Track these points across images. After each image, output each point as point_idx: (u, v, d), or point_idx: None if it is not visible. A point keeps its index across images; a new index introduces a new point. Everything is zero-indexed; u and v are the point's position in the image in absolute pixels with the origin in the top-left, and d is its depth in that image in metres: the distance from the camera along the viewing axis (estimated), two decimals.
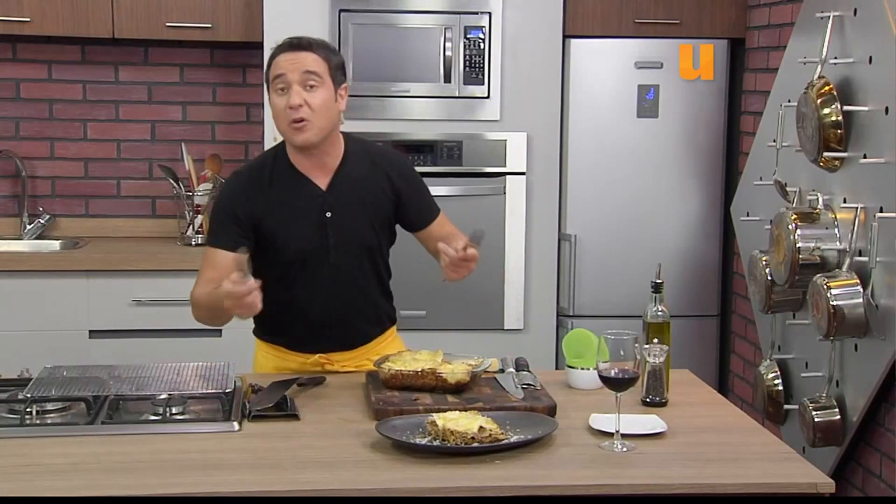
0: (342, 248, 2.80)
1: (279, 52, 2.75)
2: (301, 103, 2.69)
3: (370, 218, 2.84)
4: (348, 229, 2.81)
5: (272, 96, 2.75)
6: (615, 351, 2.31)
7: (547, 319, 4.36)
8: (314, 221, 2.79)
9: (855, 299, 3.18)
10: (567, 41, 4.30)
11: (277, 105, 2.73)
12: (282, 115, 2.73)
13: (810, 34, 3.59)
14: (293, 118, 2.70)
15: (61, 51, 4.55)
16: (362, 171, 2.83)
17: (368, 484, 2.12)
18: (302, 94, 2.70)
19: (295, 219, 2.79)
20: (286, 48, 2.74)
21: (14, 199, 4.60)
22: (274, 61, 2.74)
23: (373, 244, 2.86)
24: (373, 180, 2.84)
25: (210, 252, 2.82)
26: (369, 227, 2.84)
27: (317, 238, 2.79)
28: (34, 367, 2.73)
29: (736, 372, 4.45)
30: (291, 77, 2.70)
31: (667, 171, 4.39)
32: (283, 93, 2.71)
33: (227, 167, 4.57)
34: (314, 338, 2.86)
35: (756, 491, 2.15)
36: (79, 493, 2.06)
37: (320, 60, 2.73)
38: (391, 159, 2.93)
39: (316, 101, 2.71)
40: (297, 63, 2.70)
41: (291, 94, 2.69)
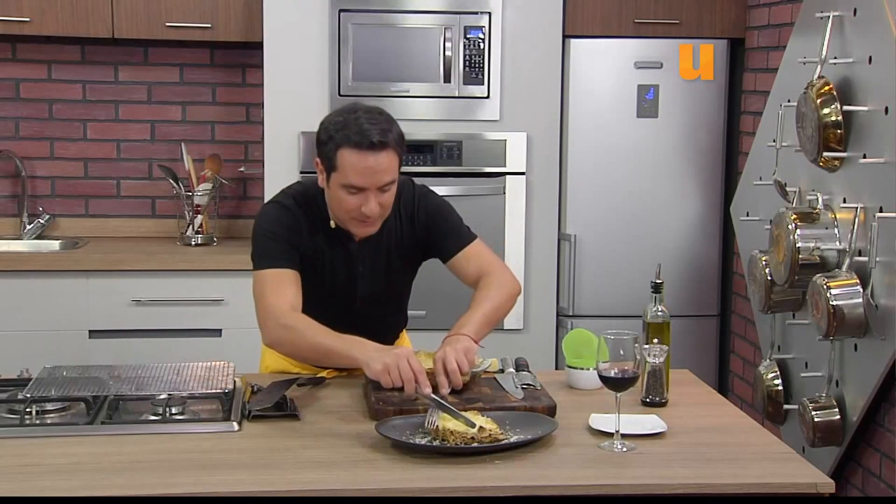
0: (370, 297, 2.78)
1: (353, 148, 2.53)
2: (377, 210, 2.59)
3: (401, 266, 2.80)
4: (378, 281, 2.77)
5: (338, 190, 2.58)
6: (615, 351, 2.31)
7: (547, 319, 4.36)
8: (347, 273, 2.74)
9: (855, 299, 3.18)
10: (567, 41, 4.30)
11: (346, 205, 2.59)
12: (348, 213, 2.61)
13: (810, 34, 3.59)
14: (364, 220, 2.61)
15: (61, 51, 4.55)
16: (392, 219, 2.74)
17: (368, 484, 2.12)
18: (378, 198, 2.58)
19: (328, 266, 2.73)
20: (364, 148, 2.52)
21: (14, 199, 4.60)
22: (346, 158, 2.54)
23: (400, 295, 2.87)
24: (396, 231, 2.76)
25: (272, 275, 2.63)
26: (399, 275, 2.82)
27: (348, 289, 2.75)
28: (34, 367, 2.73)
29: (736, 372, 4.45)
30: (370, 188, 2.56)
31: (666, 171, 4.39)
32: (354, 194, 2.57)
33: (227, 167, 4.57)
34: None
35: (756, 491, 2.15)
36: (78, 493, 2.06)
37: (394, 159, 2.58)
38: (414, 199, 2.78)
39: (387, 200, 2.61)
40: (377, 174, 2.54)
41: (369, 202, 2.56)
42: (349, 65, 4.14)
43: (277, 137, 4.17)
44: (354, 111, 2.59)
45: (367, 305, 2.79)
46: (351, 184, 2.56)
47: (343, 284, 2.76)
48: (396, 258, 2.78)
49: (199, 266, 4.16)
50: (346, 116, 2.58)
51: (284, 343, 2.63)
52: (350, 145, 2.54)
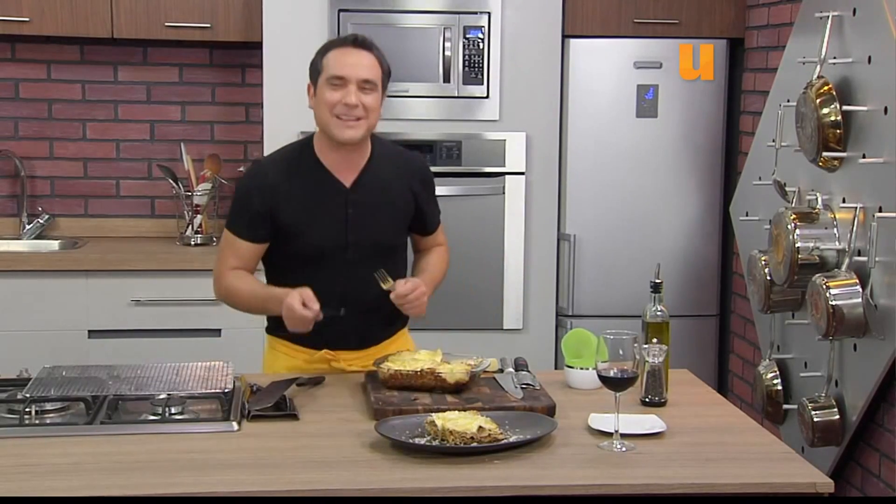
0: (361, 245, 2.83)
1: (338, 47, 2.79)
2: (357, 103, 2.74)
3: (391, 218, 2.89)
4: (369, 228, 2.84)
5: (323, 89, 2.76)
6: (614, 351, 2.31)
7: (546, 319, 4.36)
8: (336, 218, 2.82)
9: (854, 299, 3.18)
10: (566, 41, 4.30)
11: (329, 99, 2.75)
12: (330, 109, 2.75)
13: (809, 34, 3.59)
14: (347, 115, 2.74)
15: (60, 51, 4.55)
16: (387, 172, 2.87)
17: (367, 484, 2.12)
18: (358, 95, 2.74)
19: (316, 213, 2.82)
20: (348, 44, 2.78)
21: (13, 199, 4.60)
22: (331, 56, 2.77)
23: (392, 244, 2.91)
24: (397, 182, 2.89)
25: (231, 239, 2.87)
26: (390, 228, 2.89)
27: (337, 234, 2.82)
28: (33, 366, 2.73)
29: (735, 372, 4.45)
30: (350, 78, 2.74)
31: (666, 171, 4.39)
32: (336, 88, 2.74)
33: (227, 167, 4.57)
34: (324, 334, 2.82)
35: (755, 491, 2.15)
36: (78, 493, 2.06)
37: (376, 66, 2.78)
38: (415, 164, 2.97)
39: (369, 101, 2.76)
40: (357, 67, 2.75)
41: (349, 94, 2.73)
42: None
43: (277, 137, 4.15)
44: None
45: (358, 254, 2.82)
46: (333, 74, 2.74)
47: (333, 230, 2.81)
48: (389, 207, 2.87)
49: (198, 266, 4.16)
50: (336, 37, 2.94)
51: (226, 302, 2.96)
52: (335, 45, 2.81)
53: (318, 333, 2.79)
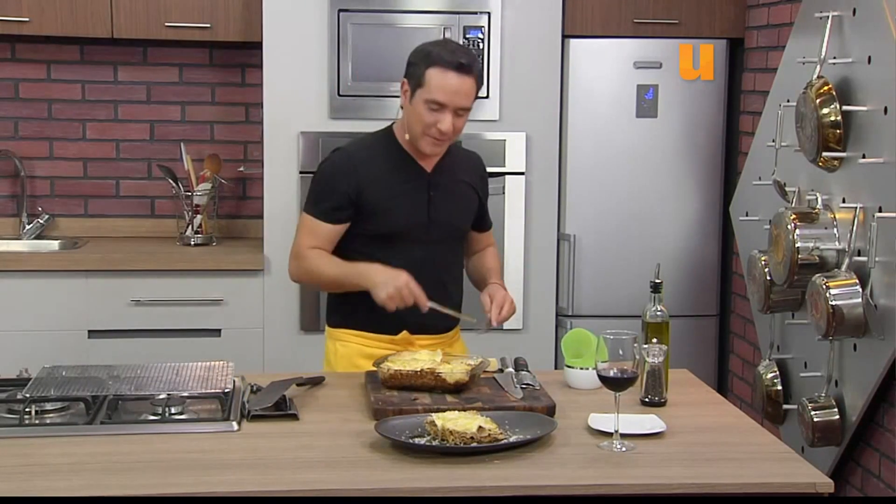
0: (441, 227, 2.95)
1: (443, 67, 2.78)
2: (451, 129, 2.83)
3: (465, 204, 3.05)
4: (448, 210, 2.97)
5: (420, 106, 2.81)
6: (614, 351, 2.31)
7: (546, 319, 4.36)
8: (418, 199, 2.92)
9: (854, 299, 3.18)
10: (566, 41, 4.30)
11: (426, 119, 2.81)
12: (424, 129, 2.83)
13: (809, 34, 3.59)
14: (439, 137, 2.84)
15: (60, 51, 4.55)
16: (458, 162, 3.03)
17: (367, 484, 2.12)
18: (454, 120, 2.82)
19: (400, 194, 2.91)
20: (453, 67, 2.78)
21: (13, 199, 4.60)
22: (434, 75, 2.78)
23: (465, 227, 3.05)
24: (467, 172, 3.06)
25: (311, 221, 2.93)
26: (465, 212, 3.04)
27: (420, 214, 2.92)
28: (33, 366, 2.73)
29: (735, 372, 4.45)
30: (449, 105, 2.80)
31: (666, 171, 4.39)
32: (434, 112, 2.80)
33: (227, 167, 4.57)
34: (403, 317, 2.86)
35: (755, 491, 2.15)
36: (78, 493, 2.06)
37: (474, 89, 2.84)
38: (476, 161, 3.13)
39: (461, 124, 2.86)
40: (458, 95, 2.79)
41: (445, 120, 2.80)
42: (348, 65, 4.14)
43: (277, 137, 4.17)
44: (446, 42, 3.01)
45: (437, 234, 2.93)
46: (434, 99, 2.79)
47: (416, 211, 2.92)
48: (462, 192, 3.03)
49: (198, 266, 4.16)
50: (438, 45, 2.88)
51: (303, 280, 3.04)
52: (441, 64, 2.79)
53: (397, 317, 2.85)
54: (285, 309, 4.17)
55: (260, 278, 4.16)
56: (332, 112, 4.16)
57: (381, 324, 2.91)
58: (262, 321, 4.18)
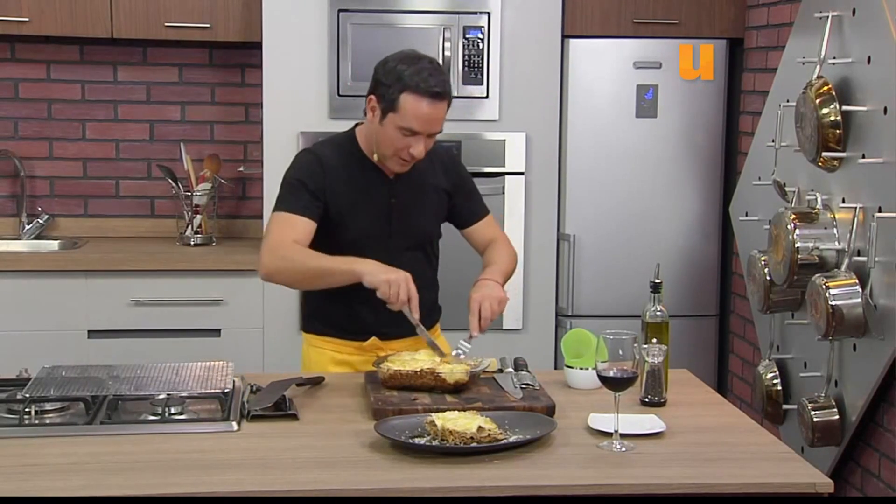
0: (403, 234, 2.90)
1: (418, 94, 2.72)
2: (423, 153, 2.80)
3: (429, 209, 2.97)
4: (410, 216, 2.92)
5: (391, 129, 2.76)
6: (614, 351, 2.31)
7: (546, 319, 4.36)
8: (380, 205, 2.89)
9: (854, 299, 3.18)
10: (566, 41, 4.30)
11: (396, 144, 2.77)
12: (395, 151, 2.79)
13: (809, 34, 3.59)
14: (409, 159, 2.80)
15: (60, 51, 4.55)
16: (423, 165, 2.92)
17: (367, 484, 2.12)
18: (426, 143, 2.79)
19: (362, 201, 2.87)
20: (428, 96, 2.72)
21: (13, 199, 4.60)
22: (409, 102, 2.72)
23: (430, 233, 2.99)
24: (431, 173, 2.96)
25: (286, 217, 2.82)
26: (427, 218, 2.97)
27: (381, 222, 2.89)
28: (33, 367, 2.73)
29: (735, 372, 4.45)
30: (423, 133, 2.76)
31: (666, 171, 4.39)
32: (406, 136, 2.76)
33: (226, 167, 4.57)
34: (369, 322, 2.88)
35: (755, 491, 2.15)
36: (77, 493, 2.05)
37: (446, 111, 2.80)
38: (445, 155, 3.06)
39: (430, 144, 2.82)
40: (432, 122, 2.76)
41: (418, 145, 2.77)
42: (348, 65, 4.14)
43: (276, 137, 4.17)
44: (418, 61, 2.77)
45: (400, 242, 2.89)
46: (409, 127, 2.74)
47: (377, 218, 2.88)
48: (427, 197, 2.95)
49: (198, 266, 4.16)
50: (410, 65, 2.75)
51: (281, 271, 2.80)
52: (417, 92, 2.73)
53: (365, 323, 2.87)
54: (285, 309, 4.17)
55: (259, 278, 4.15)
56: (331, 112, 4.16)
57: (350, 329, 2.91)
58: (261, 321, 4.18)
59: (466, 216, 3.05)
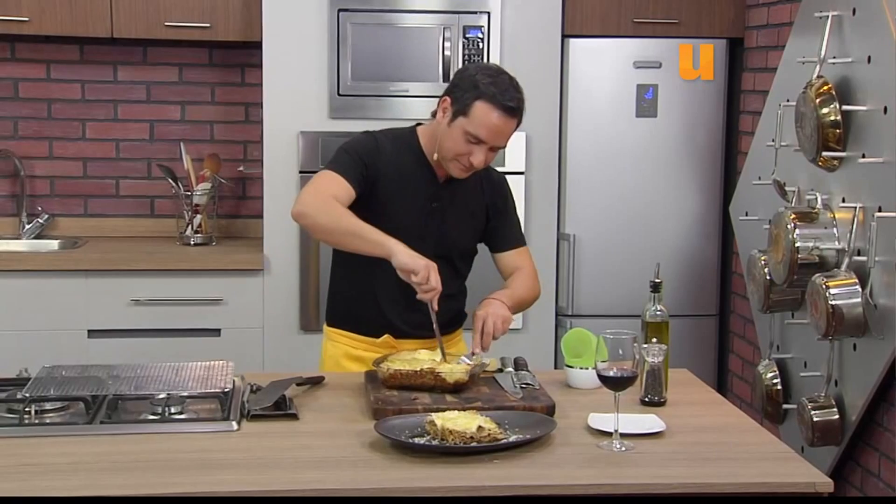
0: (435, 239, 2.89)
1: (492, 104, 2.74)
2: (484, 163, 2.81)
3: (467, 222, 2.96)
4: (446, 225, 2.91)
5: (459, 133, 2.77)
6: (614, 350, 2.31)
7: (546, 319, 4.36)
8: (421, 204, 2.89)
9: (853, 299, 3.18)
10: (566, 41, 4.30)
11: (461, 149, 2.78)
12: (457, 155, 2.80)
13: (809, 34, 3.59)
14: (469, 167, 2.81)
15: (60, 50, 4.54)
16: (473, 181, 2.93)
17: (367, 484, 2.12)
18: (487, 155, 2.80)
19: (406, 196, 2.88)
20: (502, 109, 2.75)
21: (13, 199, 4.60)
22: (482, 110, 2.74)
23: (461, 246, 2.97)
24: (478, 193, 2.97)
25: (333, 175, 2.80)
26: (464, 232, 2.96)
27: (417, 220, 2.88)
28: (33, 366, 2.73)
29: (735, 371, 4.45)
30: (489, 143, 2.77)
31: (666, 171, 4.39)
32: (472, 143, 2.77)
33: (226, 167, 4.57)
34: (384, 319, 2.88)
35: (754, 490, 2.15)
36: (77, 492, 2.05)
37: (515, 129, 2.82)
38: (496, 179, 3.04)
39: (491, 158, 2.83)
40: (500, 136, 2.78)
41: (479, 154, 2.77)
42: (348, 64, 4.14)
43: (276, 137, 4.17)
44: (500, 74, 2.82)
45: (431, 246, 2.84)
46: (476, 135, 2.76)
47: (415, 215, 2.87)
48: (467, 211, 2.96)
49: (197, 266, 4.16)
50: (493, 76, 2.79)
51: (317, 212, 2.75)
52: (491, 102, 2.75)
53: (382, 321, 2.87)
54: (285, 309, 4.17)
55: (260, 278, 4.16)
56: (331, 112, 4.16)
57: (365, 325, 2.91)
58: (261, 321, 4.18)
59: (499, 240, 3.04)
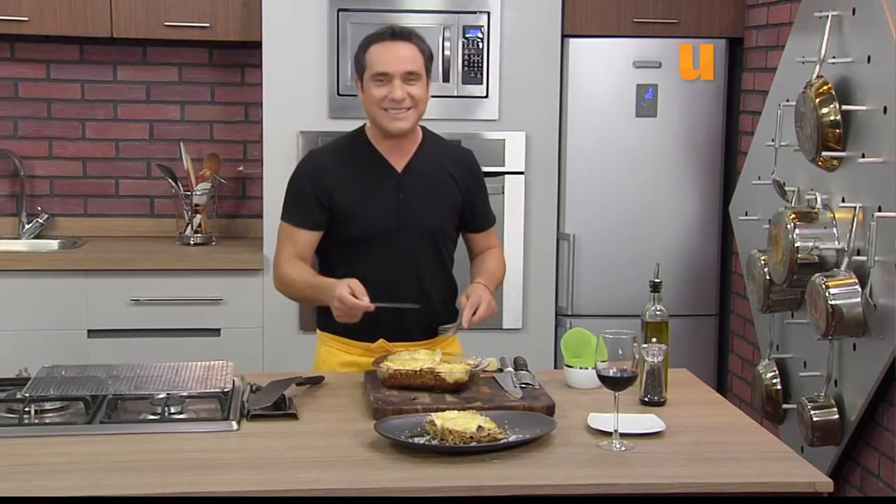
0: (412, 229, 2.90)
1: (377, 41, 2.84)
2: (404, 97, 2.82)
3: (440, 204, 2.96)
4: (419, 212, 2.91)
5: (369, 86, 2.83)
6: (614, 350, 2.31)
7: (545, 319, 4.36)
8: (388, 200, 2.89)
9: (853, 299, 3.18)
10: (566, 41, 4.30)
11: (376, 95, 2.82)
12: (378, 104, 2.83)
13: (809, 34, 3.59)
14: (395, 108, 2.82)
15: (59, 50, 4.54)
16: (436, 159, 2.96)
17: (367, 483, 2.12)
18: (404, 87, 2.81)
19: (370, 196, 2.89)
20: (386, 37, 2.83)
21: (12, 199, 4.60)
22: (372, 52, 2.83)
23: (440, 230, 2.97)
24: (444, 170, 2.98)
25: (288, 229, 2.93)
26: (439, 213, 2.96)
27: (389, 216, 2.89)
28: (32, 366, 2.73)
29: (734, 371, 4.45)
30: (393, 73, 2.80)
31: (665, 171, 4.39)
32: (381, 84, 2.81)
33: (226, 166, 4.57)
34: (378, 324, 2.86)
35: (754, 490, 2.15)
36: (77, 492, 2.06)
37: (418, 55, 2.85)
38: (464, 156, 3.07)
39: (416, 92, 2.83)
40: (399, 61, 2.81)
41: (394, 88, 2.80)
42: (348, 64, 4.13)
43: (276, 137, 4.17)
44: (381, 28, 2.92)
45: (409, 238, 2.88)
46: (377, 71, 2.81)
47: (385, 213, 2.88)
48: (438, 193, 2.95)
49: (197, 265, 4.16)
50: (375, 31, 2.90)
51: (284, 292, 2.98)
52: (374, 40, 2.85)
53: (372, 324, 2.84)
54: (285, 309, 4.17)
55: (259, 278, 4.16)
56: (331, 112, 4.16)
57: (359, 331, 2.89)
58: (261, 321, 4.18)
59: (475, 223, 3.06)
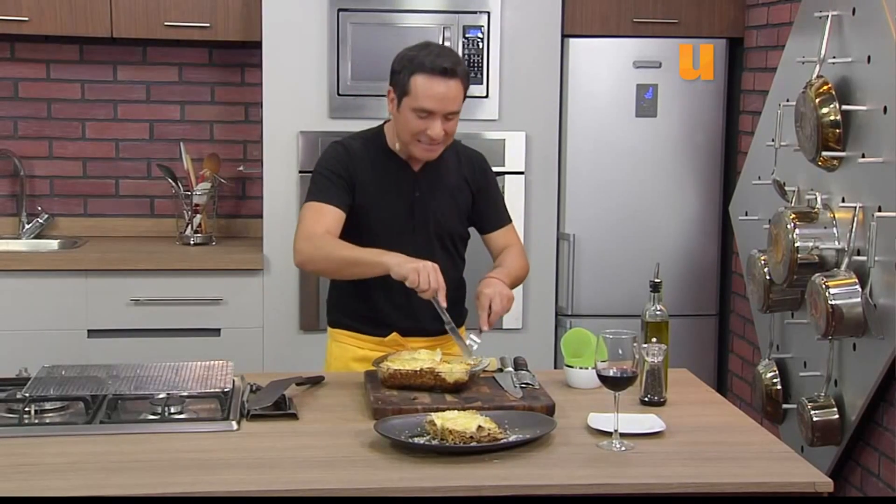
0: (426, 228, 2.92)
1: (427, 73, 2.77)
2: (441, 134, 2.81)
3: (453, 205, 2.98)
4: (434, 211, 2.94)
5: (408, 114, 2.80)
6: (614, 350, 2.31)
7: (545, 319, 4.36)
8: (403, 199, 2.91)
9: (853, 298, 3.18)
10: (566, 40, 4.30)
11: (413, 127, 2.81)
12: (413, 135, 2.82)
13: (809, 34, 3.59)
14: (430, 143, 2.82)
15: (59, 50, 4.54)
16: (450, 162, 2.97)
17: (367, 483, 2.12)
18: (443, 124, 2.81)
19: (386, 194, 2.90)
20: (437, 73, 2.76)
21: (12, 199, 4.60)
22: (419, 83, 2.77)
23: (452, 230, 2.99)
24: (457, 172, 2.99)
25: (316, 206, 2.86)
26: (452, 213, 2.98)
27: (403, 215, 2.91)
28: (32, 366, 2.73)
29: (734, 371, 4.45)
30: (437, 113, 2.78)
31: (665, 171, 4.39)
32: (422, 119, 2.79)
33: (226, 166, 4.57)
34: (390, 318, 2.90)
35: (754, 490, 2.15)
36: (77, 492, 2.05)
37: (462, 92, 2.82)
38: (473, 155, 3.06)
39: (452, 127, 2.84)
40: (445, 101, 2.78)
41: (435, 126, 2.79)
42: (348, 64, 4.14)
43: (276, 137, 4.17)
44: (427, 45, 2.86)
45: (424, 236, 2.91)
46: (421, 107, 2.78)
47: (400, 211, 2.90)
48: (451, 194, 2.97)
49: (197, 265, 4.16)
50: (421, 49, 2.83)
51: (315, 259, 2.83)
52: (424, 71, 2.77)
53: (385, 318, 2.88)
54: (285, 308, 4.17)
55: (259, 278, 4.16)
56: (331, 112, 4.16)
57: (371, 325, 2.92)
58: (261, 321, 4.18)
59: (487, 221, 3.07)
